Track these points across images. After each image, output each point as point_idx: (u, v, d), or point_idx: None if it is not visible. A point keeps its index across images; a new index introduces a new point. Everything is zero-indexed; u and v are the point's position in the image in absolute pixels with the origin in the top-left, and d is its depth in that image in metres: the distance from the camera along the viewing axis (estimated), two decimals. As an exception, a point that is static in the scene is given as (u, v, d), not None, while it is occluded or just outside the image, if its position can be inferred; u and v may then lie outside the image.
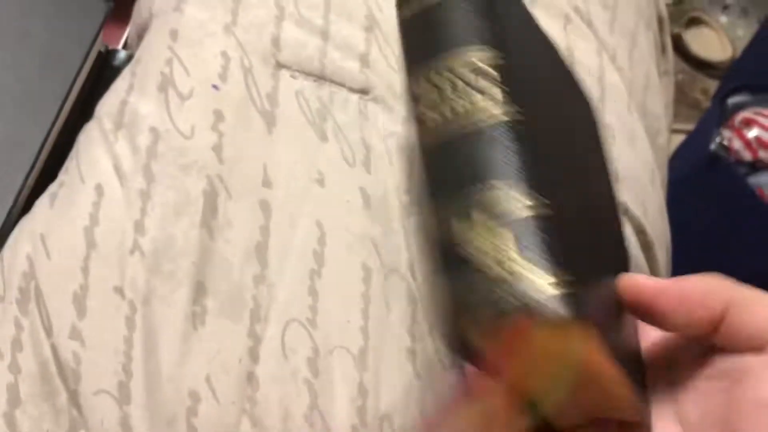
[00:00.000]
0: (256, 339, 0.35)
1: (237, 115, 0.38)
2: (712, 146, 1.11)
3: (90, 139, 0.38)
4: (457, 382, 0.30)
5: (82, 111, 0.41)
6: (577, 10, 0.47)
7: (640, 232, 0.44)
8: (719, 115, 1.16)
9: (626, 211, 0.43)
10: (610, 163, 0.30)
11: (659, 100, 0.54)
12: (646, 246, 0.44)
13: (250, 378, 0.34)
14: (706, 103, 1.40)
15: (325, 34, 0.41)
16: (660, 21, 0.59)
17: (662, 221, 0.48)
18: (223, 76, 0.39)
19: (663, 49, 0.60)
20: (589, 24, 0.47)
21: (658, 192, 0.48)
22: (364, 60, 0.41)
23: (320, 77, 0.40)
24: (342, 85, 0.40)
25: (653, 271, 0.44)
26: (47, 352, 0.33)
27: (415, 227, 0.39)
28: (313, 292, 0.36)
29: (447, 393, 0.35)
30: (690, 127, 1.32)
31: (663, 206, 0.49)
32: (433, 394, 0.36)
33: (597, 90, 0.46)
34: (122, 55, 0.45)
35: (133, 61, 0.41)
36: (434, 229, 0.24)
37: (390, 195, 0.39)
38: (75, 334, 0.34)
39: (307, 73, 0.40)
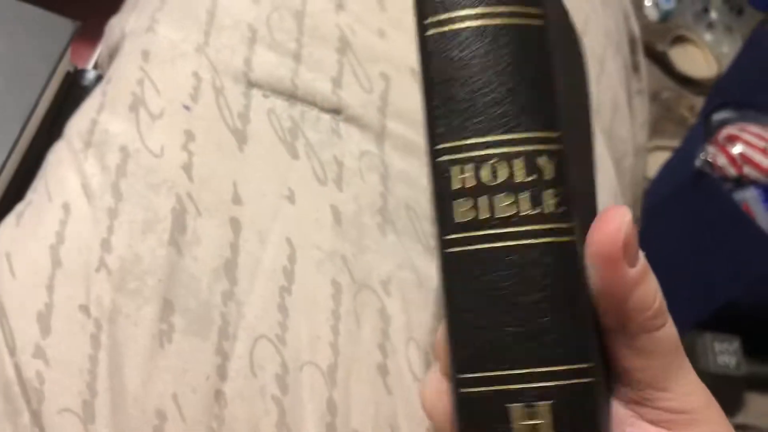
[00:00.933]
0: (224, 356, 0.35)
1: (208, 135, 0.38)
2: (697, 163, 1.12)
3: (59, 158, 0.38)
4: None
5: (50, 131, 0.41)
6: None
7: None
8: (704, 131, 1.17)
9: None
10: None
11: (627, 125, 0.54)
12: None
13: (218, 396, 0.34)
14: (693, 120, 1.41)
15: (297, 57, 0.41)
16: (632, 41, 0.59)
17: None
18: (194, 97, 0.39)
19: (636, 69, 0.60)
20: None
21: None
22: (336, 82, 0.41)
23: (292, 96, 0.40)
24: (314, 104, 0.41)
25: None
26: (10, 372, 0.33)
27: (393, 246, 0.39)
28: (282, 309, 0.36)
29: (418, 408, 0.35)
30: (677, 143, 1.33)
31: None
32: (405, 410, 0.36)
33: None
34: (91, 75, 0.45)
35: (103, 81, 0.41)
36: None
37: (363, 213, 0.39)
38: (39, 353, 0.33)
39: (279, 93, 0.40)
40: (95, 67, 0.49)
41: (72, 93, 0.44)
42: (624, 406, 0.25)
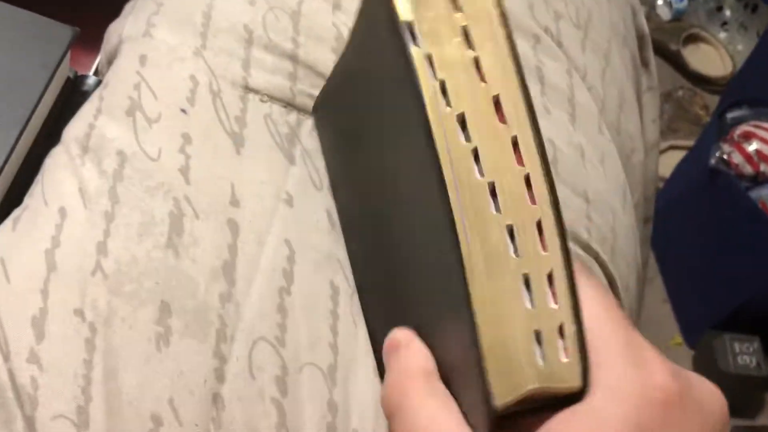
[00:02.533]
0: (221, 359, 0.34)
1: (205, 138, 0.38)
2: (713, 161, 1.11)
3: (56, 163, 0.38)
4: None
5: (50, 136, 0.41)
6: (547, 30, 0.46)
7: (602, 267, 0.43)
8: (718, 129, 1.15)
9: (587, 247, 0.42)
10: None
11: (635, 119, 0.53)
12: (609, 280, 0.43)
13: (216, 399, 0.34)
14: (707, 119, 1.39)
15: (294, 58, 0.41)
16: (640, 38, 0.58)
17: (631, 245, 0.47)
18: (191, 100, 0.39)
19: (646, 65, 0.59)
20: (559, 44, 0.47)
21: (629, 214, 0.48)
22: None
23: (290, 104, 0.40)
24: (310, 112, 0.41)
25: None
26: (4, 377, 0.33)
27: None
28: (282, 310, 0.36)
29: None
30: (691, 143, 1.32)
31: (633, 228, 0.48)
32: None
33: (567, 109, 0.45)
34: (92, 81, 0.45)
35: (101, 86, 0.41)
36: None
37: None
38: (33, 358, 0.33)
39: (277, 99, 0.40)
40: (96, 73, 0.49)
41: (72, 99, 0.44)
42: None
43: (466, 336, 0.25)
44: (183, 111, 0.38)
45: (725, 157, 1.11)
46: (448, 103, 0.26)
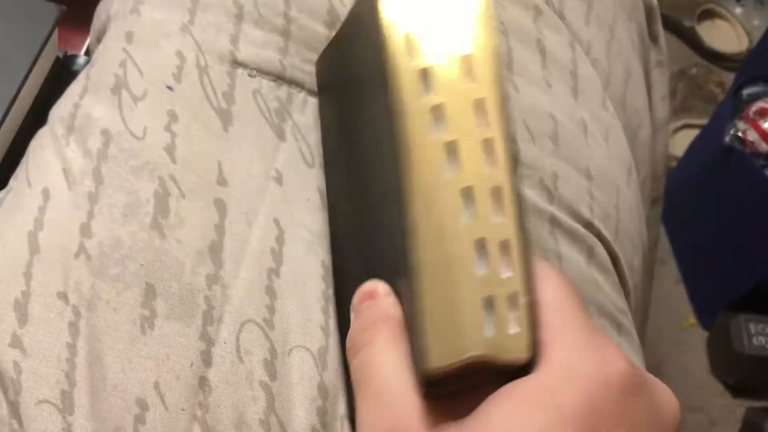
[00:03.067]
0: (208, 342, 0.33)
1: (191, 115, 0.37)
2: (727, 139, 1.08)
3: (40, 144, 0.37)
4: None
5: (39, 118, 0.41)
6: (548, 2, 0.45)
7: (604, 245, 0.41)
8: (734, 106, 1.13)
9: (589, 225, 0.41)
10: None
11: (642, 94, 0.52)
12: (613, 259, 0.42)
13: (202, 383, 0.33)
14: (722, 97, 1.36)
15: (285, 33, 0.40)
16: (648, 11, 0.57)
17: (636, 223, 0.46)
18: (177, 77, 0.38)
19: (655, 40, 0.58)
20: (562, 16, 0.45)
21: (634, 192, 0.46)
22: None
23: (279, 78, 0.39)
24: (302, 86, 0.39)
25: (611, 284, 0.42)
26: None
27: None
28: (270, 292, 0.35)
29: None
30: (706, 121, 1.29)
31: (638, 206, 0.47)
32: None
33: (570, 83, 0.44)
34: (81, 60, 0.44)
35: (88, 65, 0.40)
36: None
37: None
38: (16, 342, 0.32)
39: (266, 73, 0.39)
40: (87, 53, 0.48)
41: (62, 79, 0.44)
42: None
43: (413, 298, 0.25)
44: (169, 88, 0.37)
45: (740, 134, 1.09)
46: (413, 57, 0.25)
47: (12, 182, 0.37)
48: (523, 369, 0.25)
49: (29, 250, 0.34)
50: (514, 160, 0.25)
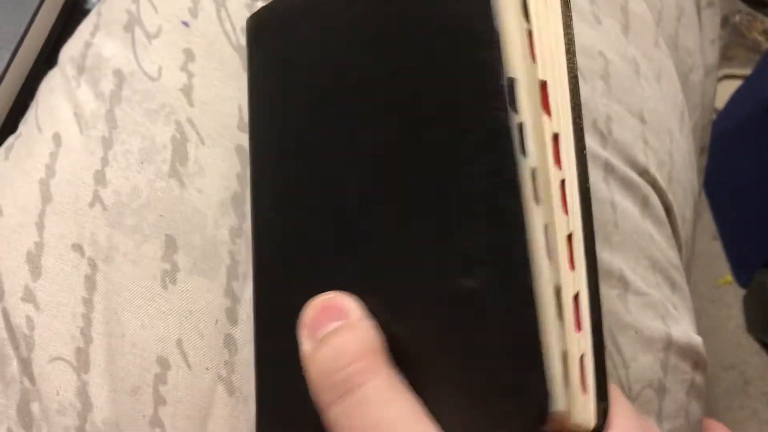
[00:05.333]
0: (234, 298, 0.31)
1: (209, 53, 0.34)
2: (770, 89, 1.04)
3: (50, 87, 0.35)
4: None
5: (51, 61, 0.38)
6: None
7: (659, 195, 0.38)
8: (778, 55, 1.08)
9: (645, 173, 0.38)
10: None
11: (695, 34, 0.48)
12: (666, 209, 0.39)
13: (228, 341, 0.31)
14: (767, 45, 1.31)
15: None
16: None
17: (689, 172, 0.42)
18: (193, 11, 0.35)
19: None
20: None
21: (687, 138, 0.43)
22: None
23: None
24: None
25: (665, 238, 0.38)
26: None
27: None
28: None
29: None
30: (749, 71, 1.23)
31: (691, 154, 0.44)
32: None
33: (620, 19, 0.40)
34: (95, -1, 0.41)
35: (100, 1, 0.37)
36: None
37: None
38: (29, 296, 0.30)
39: None
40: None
41: (74, 18, 0.41)
42: None
43: (515, 323, 0.22)
44: (185, 24, 0.34)
45: (785, 84, 1.04)
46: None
47: (21, 127, 0.35)
48: None
49: (41, 198, 0.32)
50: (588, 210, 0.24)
